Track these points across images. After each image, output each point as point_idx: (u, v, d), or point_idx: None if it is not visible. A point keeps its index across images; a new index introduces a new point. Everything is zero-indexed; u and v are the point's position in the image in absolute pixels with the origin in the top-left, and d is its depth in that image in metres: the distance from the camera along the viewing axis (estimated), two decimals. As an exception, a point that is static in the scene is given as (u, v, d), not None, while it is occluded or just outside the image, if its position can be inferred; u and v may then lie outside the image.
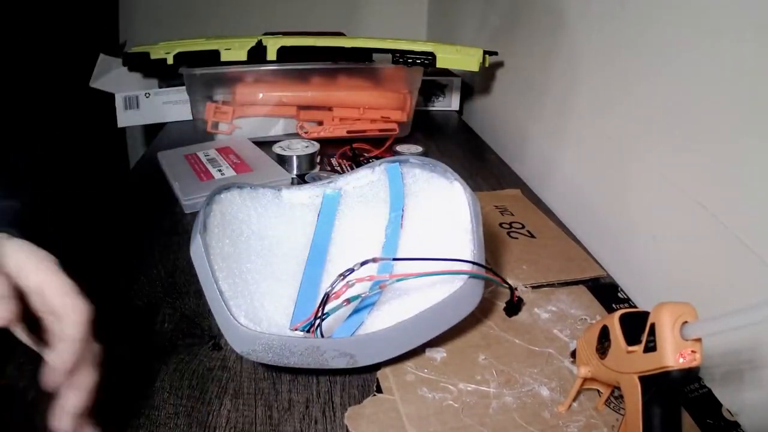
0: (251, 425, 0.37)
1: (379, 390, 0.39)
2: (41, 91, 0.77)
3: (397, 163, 0.53)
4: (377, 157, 0.79)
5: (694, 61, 0.47)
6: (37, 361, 0.30)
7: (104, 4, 1.11)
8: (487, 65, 0.81)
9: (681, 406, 0.32)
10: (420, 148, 0.82)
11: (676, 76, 0.49)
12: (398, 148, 0.81)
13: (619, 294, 0.51)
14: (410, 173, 0.52)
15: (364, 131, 0.86)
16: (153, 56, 0.81)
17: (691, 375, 0.27)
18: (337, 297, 0.38)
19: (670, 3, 0.50)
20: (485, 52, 0.80)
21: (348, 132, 0.85)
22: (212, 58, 0.79)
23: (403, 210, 0.50)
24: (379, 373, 0.40)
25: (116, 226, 0.63)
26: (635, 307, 0.50)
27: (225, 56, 0.78)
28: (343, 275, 0.38)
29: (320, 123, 0.85)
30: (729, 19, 0.43)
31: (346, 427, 0.37)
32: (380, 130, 0.86)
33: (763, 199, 0.40)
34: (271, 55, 0.79)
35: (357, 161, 0.79)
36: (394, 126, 0.87)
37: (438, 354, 0.42)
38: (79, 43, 0.94)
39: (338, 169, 0.77)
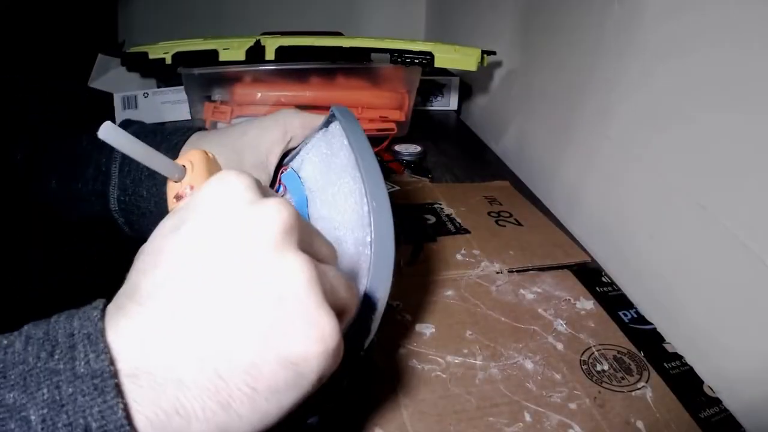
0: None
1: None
2: (39, 91, 0.83)
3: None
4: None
5: (693, 61, 0.51)
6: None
7: (103, 4, 1.18)
8: (485, 65, 0.86)
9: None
10: (418, 148, 0.88)
11: (677, 76, 0.53)
12: (396, 147, 0.87)
13: (603, 278, 0.57)
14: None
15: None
16: (151, 56, 0.87)
17: None
18: None
19: (668, 3, 0.55)
20: (483, 52, 0.85)
21: (346, 132, 0.91)
22: (210, 57, 0.85)
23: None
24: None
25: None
26: (619, 291, 0.56)
27: (223, 56, 0.84)
28: None
29: (318, 122, 0.91)
30: (729, 18, 0.47)
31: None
32: (378, 130, 0.91)
33: (763, 199, 0.43)
34: (270, 54, 0.85)
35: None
36: (393, 126, 0.92)
37: (427, 329, 0.48)
38: (78, 43, 1.01)
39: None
